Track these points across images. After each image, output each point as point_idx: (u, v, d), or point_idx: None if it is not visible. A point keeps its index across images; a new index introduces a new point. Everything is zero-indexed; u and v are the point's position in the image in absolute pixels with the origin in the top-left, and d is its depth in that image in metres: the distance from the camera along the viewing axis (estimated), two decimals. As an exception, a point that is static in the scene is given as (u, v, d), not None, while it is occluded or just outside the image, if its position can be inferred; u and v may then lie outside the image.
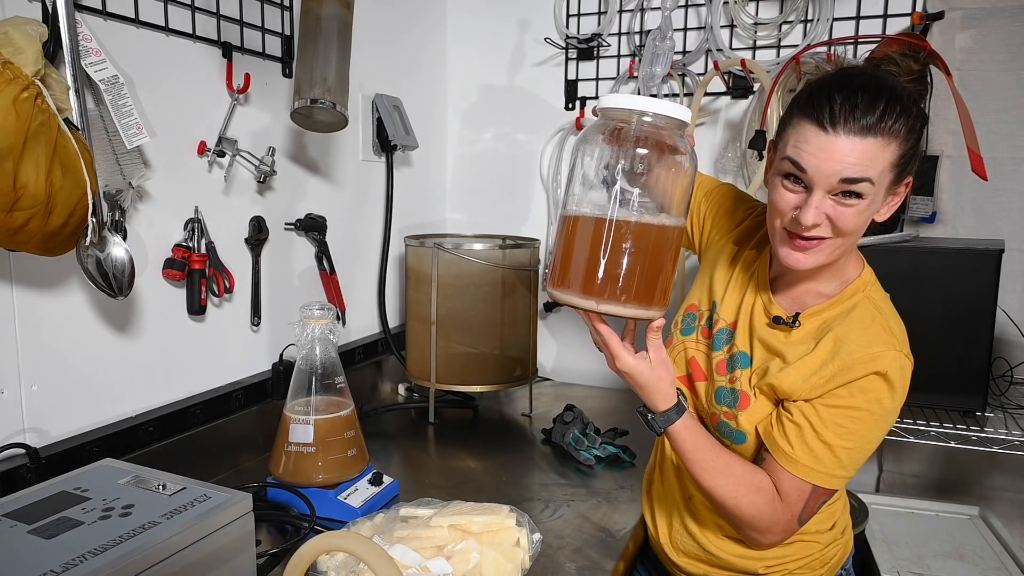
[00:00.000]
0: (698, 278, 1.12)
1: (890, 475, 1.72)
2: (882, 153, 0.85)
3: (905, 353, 0.90)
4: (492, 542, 1.01)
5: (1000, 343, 1.55)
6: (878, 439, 0.92)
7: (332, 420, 1.19)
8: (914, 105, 0.87)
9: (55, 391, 1.08)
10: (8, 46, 0.87)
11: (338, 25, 1.33)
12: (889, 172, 0.87)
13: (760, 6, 1.74)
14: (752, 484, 0.93)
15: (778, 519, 0.93)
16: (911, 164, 0.89)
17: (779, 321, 0.96)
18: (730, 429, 0.98)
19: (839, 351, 0.90)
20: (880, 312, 0.92)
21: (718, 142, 1.82)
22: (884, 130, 0.84)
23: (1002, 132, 1.56)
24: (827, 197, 0.87)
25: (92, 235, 0.99)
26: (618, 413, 1.71)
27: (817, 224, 0.87)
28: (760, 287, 1.01)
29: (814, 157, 0.86)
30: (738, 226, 1.10)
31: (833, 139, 0.85)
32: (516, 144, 2.07)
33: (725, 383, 0.99)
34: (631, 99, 0.82)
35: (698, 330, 1.07)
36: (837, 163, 0.85)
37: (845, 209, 0.86)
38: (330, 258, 1.61)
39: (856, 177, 0.85)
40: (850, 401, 0.89)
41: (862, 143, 0.84)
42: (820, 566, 1.04)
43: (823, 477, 0.91)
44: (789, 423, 0.92)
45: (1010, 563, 1.40)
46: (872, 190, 0.86)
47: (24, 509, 0.80)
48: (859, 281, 0.95)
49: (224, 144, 1.31)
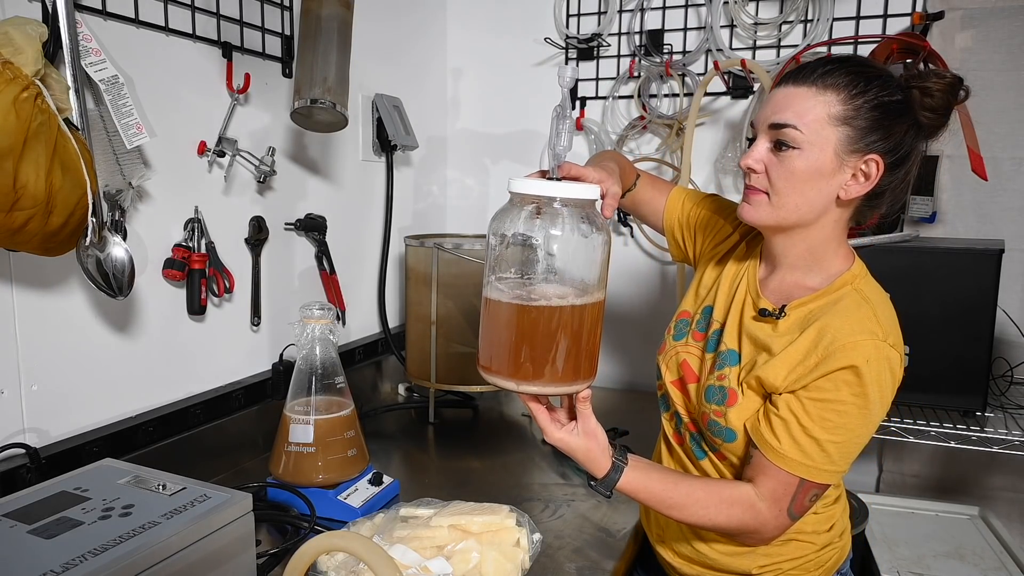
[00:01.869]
0: (691, 286, 1.13)
1: (890, 475, 1.72)
2: (813, 102, 0.89)
3: (891, 343, 0.89)
4: (492, 542, 1.01)
5: (1000, 343, 1.55)
6: (869, 432, 0.91)
7: (332, 420, 1.19)
8: (880, 79, 0.90)
9: (55, 391, 1.08)
10: (8, 46, 0.87)
11: (338, 25, 1.33)
12: (830, 127, 0.88)
13: (760, 6, 1.74)
14: (723, 501, 0.93)
15: (765, 519, 0.92)
16: (871, 136, 0.89)
17: (765, 313, 0.96)
18: (720, 427, 0.98)
19: (822, 339, 0.89)
20: (867, 302, 0.92)
21: (718, 142, 1.82)
22: (817, 81, 0.90)
23: (1002, 132, 1.56)
24: (767, 144, 0.93)
25: (92, 235, 0.99)
26: (618, 413, 1.71)
27: (754, 170, 0.94)
28: (749, 285, 1.02)
29: (758, 110, 0.97)
30: (729, 236, 1.11)
31: (776, 91, 0.94)
32: (516, 144, 2.07)
33: (714, 381, 1.00)
34: (540, 184, 0.84)
35: (689, 334, 1.08)
36: (769, 109, 0.93)
37: (778, 158, 0.91)
38: (330, 258, 1.61)
39: (780, 122, 0.90)
40: (835, 395, 0.88)
41: (795, 91, 0.91)
42: (815, 568, 1.04)
43: (811, 471, 0.90)
44: (776, 418, 0.92)
45: (1010, 563, 1.40)
46: (803, 140, 0.89)
47: (24, 509, 0.80)
48: (848, 275, 0.95)
49: (224, 144, 1.31)
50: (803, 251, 0.97)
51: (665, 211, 1.17)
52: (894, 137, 0.89)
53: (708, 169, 1.85)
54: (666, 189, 1.19)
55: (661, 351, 1.11)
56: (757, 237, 1.07)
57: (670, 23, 1.84)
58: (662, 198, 1.18)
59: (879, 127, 0.89)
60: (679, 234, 1.17)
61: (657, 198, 1.18)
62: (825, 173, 0.90)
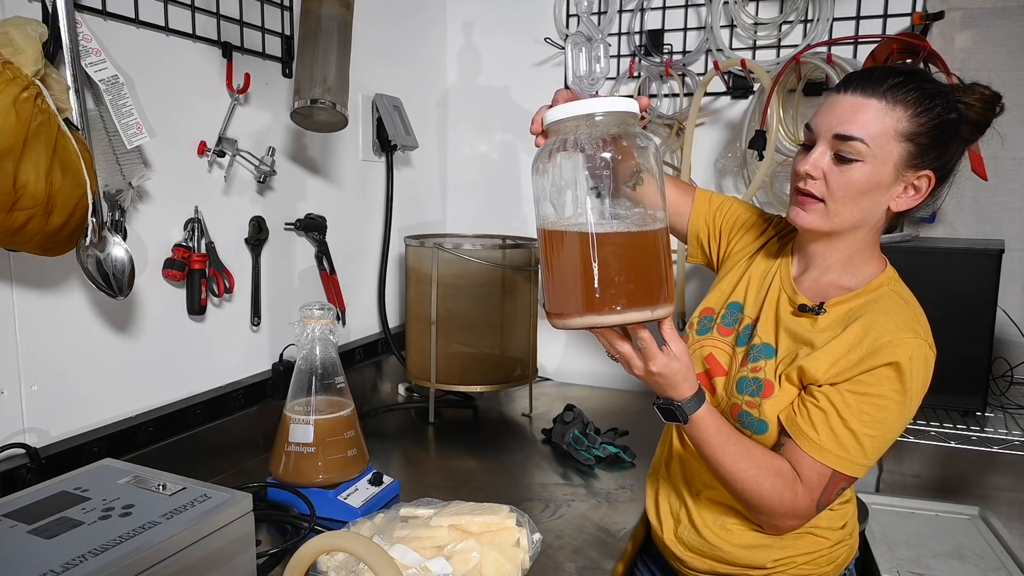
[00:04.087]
0: (716, 286, 1.13)
1: (890, 475, 1.72)
2: (883, 117, 0.88)
3: (930, 344, 0.91)
4: (492, 542, 1.01)
5: (1000, 343, 1.55)
6: (901, 428, 0.93)
7: (332, 420, 1.19)
8: (942, 96, 0.89)
9: (55, 391, 1.08)
10: (8, 46, 0.87)
11: (338, 25, 1.33)
12: (895, 143, 0.88)
13: (760, 6, 1.74)
14: (772, 468, 0.93)
15: (798, 504, 0.93)
16: (931, 153, 0.89)
17: (805, 309, 0.97)
18: (752, 419, 0.98)
19: (867, 334, 0.91)
20: (907, 303, 0.94)
21: (718, 142, 1.82)
22: (887, 95, 0.88)
23: (1002, 132, 1.56)
24: (827, 153, 0.91)
25: (92, 235, 0.99)
26: (618, 413, 1.71)
27: (812, 176, 0.92)
28: (784, 282, 1.03)
29: (819, 114, 0.92)
30: (759, 236, 1.12)
31: (840, 98, 0.91)
32: (516, 144, 2.07)
33: (747, 373, 1.00)
34: (570, 106, 0.80)
35: (714, 328, 1.08)
36: (835, 118, 0.90)
37: (839, 169, 0.90)
38: (330, 258, 1.61)
39: (847, 134, 0.89)
40: (877, 389, 0.90)
41: (864, 102, 0.88)
42: (827, 564, 1.04)
43: (845, 463, 0.91)
44: (814, 408, 0.92)
45: (1010, 563, 1.40)
46: (868, 154, 0.88)
47: (24, 509, 0.80)
48: (883, 276, 0.97)
49: (224, 144, 1.31)
50: (843, 255, 0.98)
51: (692, 213, 1.16)
52: (947, 155, 0.91)
53: (708, 169, 1.84)
54: (691, 191, 1.17)
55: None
56: (790, 235, 1.07)
57: (670, 23, 1.84)
58: (687, 200, 1.16)
59: (938, 145, 0.90)
60: (704, 236, 1.16)
61: (682, 199, 1.16)
62: (882, 187, 0.91)
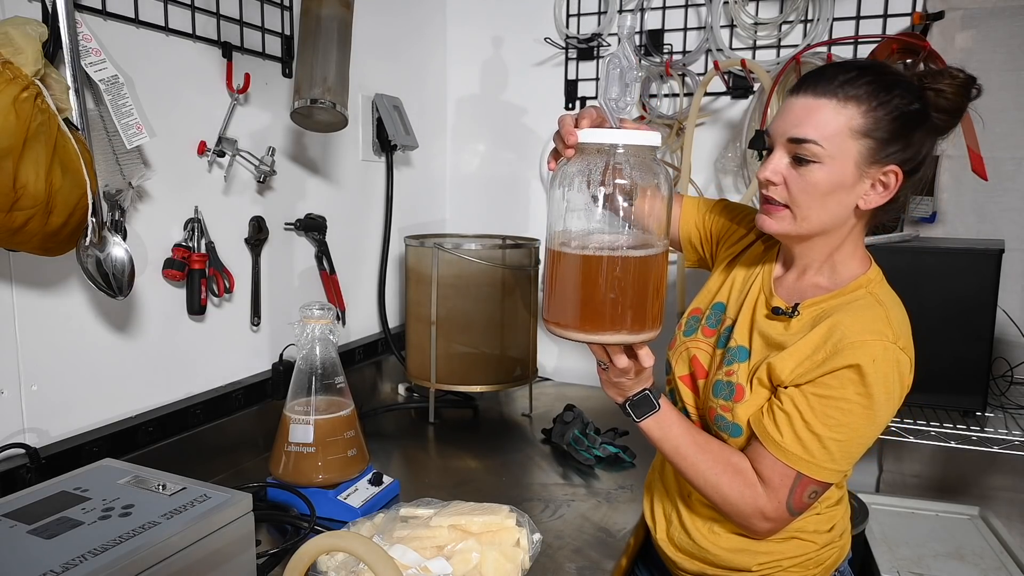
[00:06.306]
0: (705, 285, 1.14)
1: (890, 475, 1.72)
2: (836, 116, 0.87)
3: (900, 346, 0.89)
4: (492, 542, 1.01)
5: (1000, 343, 1.55)
6: (873, 433, 0.91)
7: (332, 420, 1.19)
8: (902, 87, 0.87)
9: (55, 391, 1.08)
10: (8, 46, 0.87)
11: (338, 25, 1.33)
12: (851, 140, 0.87)
13: (760, 6, 1.74)
14: (730, 465, 0.95)
15: (762, 505, 0.93)
16: (893, 147, 0.88)
17: (778, 312, 0.97)
18: (726, 422, 0.98)
19: (832, 335, 0.90)
20: (880, 304, 0.92)
21: (718, 142, 1.82)
22: (839, 93, 0.87)
23: (1002, 132, 1.56)
24: (785, 158, 0.91)
25: (92, 235, 0.99)
26: (618, 413, 1.70)
27: (773, 182, 0.92)
28: (764, 284, 1.03)
29: (776, 119, 0.91)
30: (743, 238, 1.12)
31: (793, 100, 0.90)
32: (516, 144, 2.07)
33: (722, 376, 1.00)
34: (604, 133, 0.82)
35: (699, 329, 1.09)
36: (788, 121, 0.89)
37: (797, 172, 0.90)
38: (330, 258, 1.61)
39: (800, 137, 0.88)
40: (840, 392, 0.89)
41: (816, 102, 0.88)
42: (815, 567, 1.04)
43: (811, 467, 0.90)
44: (779, 412, 0.92)
45: (1010, 563, 1.40)
46: (824, 155, 0.87)
47: (24, 509, 0.80)
48: (863, 278, 0.95)
49: (224, 144, 1.31)
50: (822, 256, 0.97)
51: (681, 219, 1.17)
52: (913, 146, 0.89)
53: (708, 169, 1.84)
54: (678, 199, 1.19)
55: (671, 346, 1.12)
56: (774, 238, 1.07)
57: (670, 23, 1.84)
58: (676, 207, 1.17)
59: (899, 138, 0.88)
60: (696, 240, 1.17)
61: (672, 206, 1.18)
62: (846, 186, 0.89)
